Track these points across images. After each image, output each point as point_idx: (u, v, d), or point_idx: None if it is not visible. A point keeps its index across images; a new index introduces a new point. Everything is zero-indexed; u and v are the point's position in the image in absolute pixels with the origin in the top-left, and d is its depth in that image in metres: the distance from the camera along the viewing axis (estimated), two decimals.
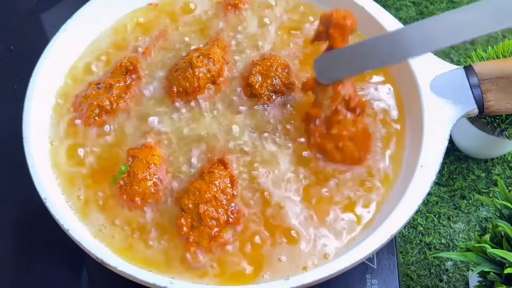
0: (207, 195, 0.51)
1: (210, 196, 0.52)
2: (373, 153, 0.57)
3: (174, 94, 0.59)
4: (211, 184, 0.52)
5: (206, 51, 0.61)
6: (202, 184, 0.52)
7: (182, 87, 0.59)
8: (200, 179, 0.53)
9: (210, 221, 0.51)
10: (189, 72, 0.59)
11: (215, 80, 0.60)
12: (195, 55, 0.60)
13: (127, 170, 0.54)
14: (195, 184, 0.53)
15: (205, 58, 0.60)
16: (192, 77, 0.59)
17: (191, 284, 0.48)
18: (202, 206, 0.51)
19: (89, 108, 0.58)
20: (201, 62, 0.59)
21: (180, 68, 0.60)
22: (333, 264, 0.47)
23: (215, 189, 0.52)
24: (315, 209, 0.54)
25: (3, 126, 0.72)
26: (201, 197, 0.51)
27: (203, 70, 0.59)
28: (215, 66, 0.60)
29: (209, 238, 0.51)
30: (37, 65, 0.60)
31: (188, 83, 0.59)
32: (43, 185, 0.52)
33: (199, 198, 0.51)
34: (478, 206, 1.10)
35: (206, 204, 0.51)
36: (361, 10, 0.64)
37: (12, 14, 0.85)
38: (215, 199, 0.52)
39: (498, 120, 0.92)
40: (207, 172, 0.53)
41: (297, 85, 0.60)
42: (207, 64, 0.59)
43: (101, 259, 0.48)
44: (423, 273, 1.02)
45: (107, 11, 0.66)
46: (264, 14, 0.68)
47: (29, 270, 0.61)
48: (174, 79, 0.60)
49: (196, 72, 0.59)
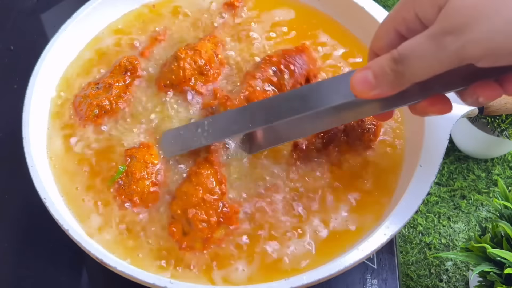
0: (194, 199, 0.50)
1: (197, 199, 0.51)
2: (373, 153, 0.57)
3: (162, 88, 0.60)
4: (198, 185, 0.51)
5: (194, 45, 0.61)
6: (189, 187, 0.51)
7: (169, 80, 0.59)
8: (188, 181, 0.52)
9: (200, 224, 0.50)
10: (174, 65, 0.59)
11: (202, 71, 0.60)
12: (182, 48, 0.60)
13: (125, 170, 0.54)
14: (182, 188, 0.52)
15: (191, 50, 0.60)
16: (177, 69, 0.59)
17: (191, 284, 0.48)
18: (191, 210, 0.50)
19: (89, 108, 0.59)
20: (186, 53, 0.59)
21: (167, 63, 0.60)
22: (333, 264, 0.47)
23: (201, 191, 0.51)
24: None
25: (3, 126, 0.72)
26: (188, 201, 0.51)
27: (189, 61, 0.59)
28: (202, 57, 0.60)
29: (202, 241, 0.50)
30: (37, 65, 0.60)
31: (174, 75, 0.59)
32: (43, 185, 0.52)
33: (187, 203, 0.51)
34: (478, 206, 1.10)
35: (194, 208, 0.50)
36: (361, 10, 0.64)
37: (12, 14, 0.85)
38: (203, 201, 0.51)
39: (498, 120, 0.93)
40: (194, 174, 0.52)
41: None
42: (192, 55, 0.59)
43: (101, 259, 0.48)
44: (423, 273, 1.02)
45: (106, 11, 0.66)
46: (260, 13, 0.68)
47: (29, 270, 0.61)
48: (162, 75, 0.60)
49: (181, 64, 0.59)
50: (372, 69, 0.40)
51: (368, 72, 0.40)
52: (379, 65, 0.39)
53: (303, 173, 0.55)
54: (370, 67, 0.40)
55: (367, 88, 0.40)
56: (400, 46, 0.38)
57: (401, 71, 0.38)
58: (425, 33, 0.36)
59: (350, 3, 0.64)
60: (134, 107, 0.60)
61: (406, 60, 0.37)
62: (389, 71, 0.38)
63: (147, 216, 0.53)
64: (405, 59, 0.37)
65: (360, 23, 0.65)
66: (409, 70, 0.37)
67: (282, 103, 0.47)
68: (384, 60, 0.39)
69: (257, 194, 0.54)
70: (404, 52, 0.37)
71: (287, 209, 0.53)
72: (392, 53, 0.38)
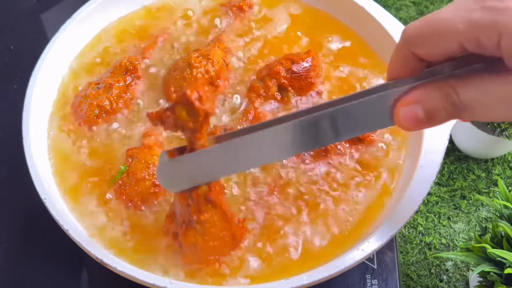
0: (207, 249, 0.47)
1: (210, 248, 0.47)
2: (374, 153, 0.57)
3: (171, 93, 0.59)
4: (206, 236, 0.45)
5: (206, 52, 0.61)
6: (198, 237, 0.45)
7: (180, 87, 0.59)
8: (191, 228, 0.45)
9: (211, 254, 0.48)
10: (187, 72, 0.59)
11: (213, 81, 0.60)
12: (194, 55, 0.60)
13: (126, 170, 0.54)
14: (188, 238, 0.46)
15: (204, 59, 0.60)
16: (190, 77, 0.59)
17: (191, 284, 0.48)
18: (204, 257, 0.49)
19: (89, 108, 0.58)
20: (200, 62, 0.59)
21: (178, 68, 0.60)
22: (333, 264, 0.47)
23: (212, 243, 0.46)
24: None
25: (3, 126, 0.72)
26: (201, 252, 0.47)
27: (201, 71, 0.59)
28: (214, 67, 0.60)
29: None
30: (37, 65, 0.60)
31: (186, 83, 0.59)
32: (42, 185, 0.52)
33: (200, 253, 0.47)
34: (478, 206, 1.10)
35: (207, 255, 0.48)
36: (361, 10, 0.64)
37: (12, 14, 0.85)
38: (216, 247, 0.47)
39: None
40: (197, 221, 0.44)
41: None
42: (205, 65, 0.59)
43: (101, 259, 0.48)
44: (423, 273, 1.02)
45: (107, 11, 0.66)
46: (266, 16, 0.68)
47: (28, 270, 0.61)
48: (172, 79, 0.60)
49: (194, 73, 0.59)
50: (422, 106, 0.35)
51: (417, 108, 0.35)
52: (432, 105, 0.35)
53: (301, 174, 0.55)
54: (418, 102, 0.35)
55: (415, 125, 0.36)
56: (461, 91, 0.33)
57: (459, 115, 0.34)
58: (498, 80, 0.32)
59: (350, 3, 0.65)
60: (135, 107, 0.60)
61: (471, 109, 0.33)
62: (444, 112, 0.34)
63: (147, 217, 0.53)
64: (468, 108, 0.33)
65: (360, 23, 0.65)
66: (471, 116, 0.34)
67: (312, 128, 0.39)
68: (438, 100, 0.34)
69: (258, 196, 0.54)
70: (469, 103, 0.33)
71: (286, 211, 0.53)
72: (451, 95, 0.34)
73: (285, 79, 0.59)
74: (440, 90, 0.34)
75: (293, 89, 0.60)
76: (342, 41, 0.66)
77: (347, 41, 0.66)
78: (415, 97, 0.36)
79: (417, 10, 1.41)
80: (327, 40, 0.66)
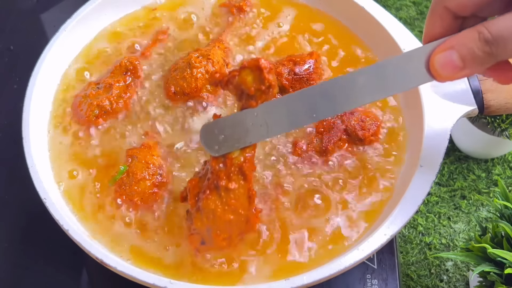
0: (221, 222, 0.45)
1: (225, 222, 0.45)
2: (374, 153, 0.57)
3: (171, 93, 0.59)
4: (227, 206, 0.45)
5: (206, 52, 0.61)
6: (218, 204, 0.45)
7: (180, 87, 0.59)
8: (216, 194, 0.45)
9: (222, 241, 0.47)
10: (187, 72, 0.59)
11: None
12: (194, 55, 0.60)
13: (126, 170, 0.54)
14: (209, 203, 0.45)
15: (204, 59, 0.60)
16: (190, 77, 0.59)
17: (191, 284, 0.48)
18: (215, 231, 0.46)
19: (89, 108, 0.58)
20: (200, 62, 0.59)
21: (178, 68, 0.60)
22: (333, 264, 0.47)
23: (232, 217, 0.45)
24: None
25: (3, 126, 0.72)
26: (214, 222, 0.45)
27: (202, 71, 0.59)
28: (214, 67, 0.60)
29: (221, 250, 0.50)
30: (37, 65, 0.60)
31: (186, 83, 0.59)
32: (43, 185, 0.52)
33: (213, 223, 0.45)
34: (478, 206, 1.10)
35: (219, 230, 0.46)
36: (361, 10, 0.64)
37: (12, 14, 0.85)
38: (230, 223, 0.45)
39: (498, 120, 0.92)
40: (224, 189, 0.44)
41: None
42: (205, 65, 0.59)
43: (101, 259, 0.48)
44: (423, 273, 1.02)
45: (106, 11, 0.66)
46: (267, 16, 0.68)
47: (29, 270, 0.61)
48: (172, 79, 0.60)
49: (194, 73, 0.59)
50: (457, 50, 0.35)
51: (452, 53, 0.36)
52: (467, 47, 0.35)
53: (303, 172, 0.55)
54: (453, 47, 0.36)
55: (453, 71, 0.36)
56: (492, 26, 0.34)
57: (494, 52, 0.34)
58: None
59: (350, 3, 0.64)
60: (135, 107, 0.60)
61: (503, 42, 0.34)
62: (480, 53, 0.35)
63: (147, 217, 0.53)
64: (501, 41, 0.34)
65: (360, 23, 0.65)
66: (505, 51, 0.34)
67: (349, 85, 0.40)
68: (472, 41, 0.35)
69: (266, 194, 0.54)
70: (500, 34, 0.34)
71: (286, 211, 0.54)
72: (482, 33, 0.34)
73: (287, 80, 0.59)
74: (473, 32, 0.35)
75: (294, 91, 0.60)
76: (342, 42, 0.66)
77: (347, 42, 0.66)
78: (450, 43, 0.36)
79: (417, 10, 1.41)
80: (329, 41, 0.66)
